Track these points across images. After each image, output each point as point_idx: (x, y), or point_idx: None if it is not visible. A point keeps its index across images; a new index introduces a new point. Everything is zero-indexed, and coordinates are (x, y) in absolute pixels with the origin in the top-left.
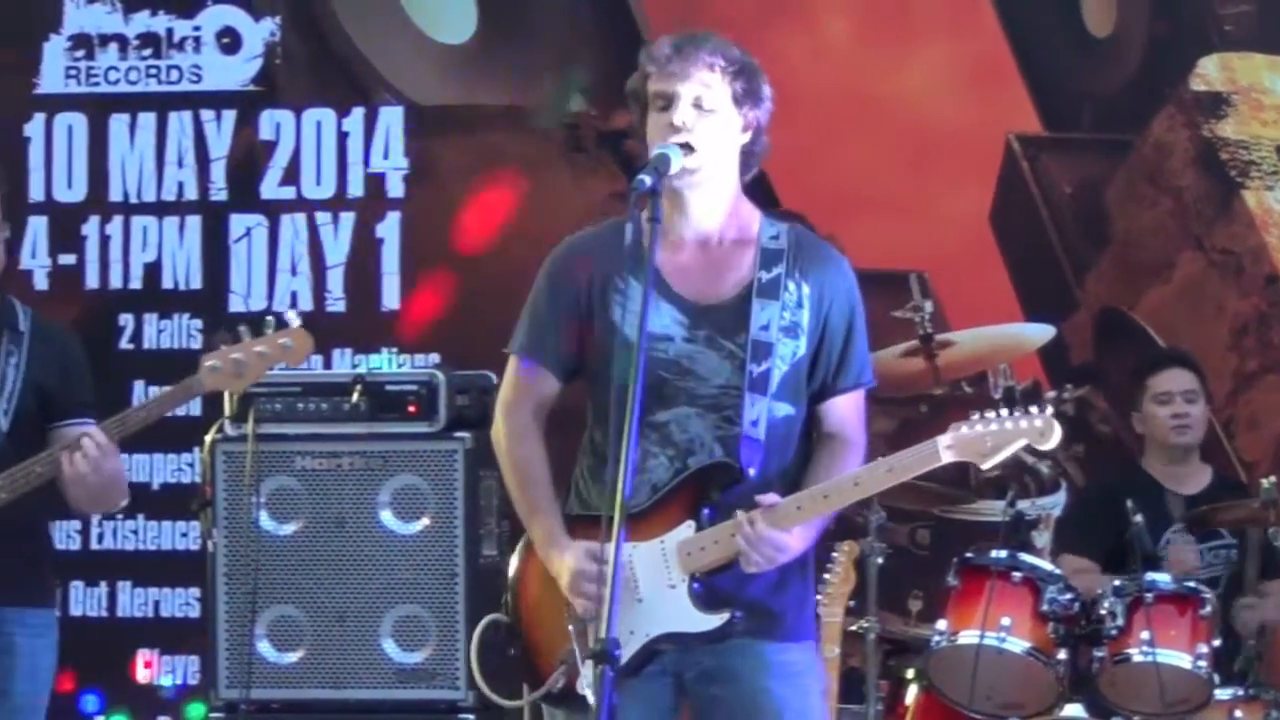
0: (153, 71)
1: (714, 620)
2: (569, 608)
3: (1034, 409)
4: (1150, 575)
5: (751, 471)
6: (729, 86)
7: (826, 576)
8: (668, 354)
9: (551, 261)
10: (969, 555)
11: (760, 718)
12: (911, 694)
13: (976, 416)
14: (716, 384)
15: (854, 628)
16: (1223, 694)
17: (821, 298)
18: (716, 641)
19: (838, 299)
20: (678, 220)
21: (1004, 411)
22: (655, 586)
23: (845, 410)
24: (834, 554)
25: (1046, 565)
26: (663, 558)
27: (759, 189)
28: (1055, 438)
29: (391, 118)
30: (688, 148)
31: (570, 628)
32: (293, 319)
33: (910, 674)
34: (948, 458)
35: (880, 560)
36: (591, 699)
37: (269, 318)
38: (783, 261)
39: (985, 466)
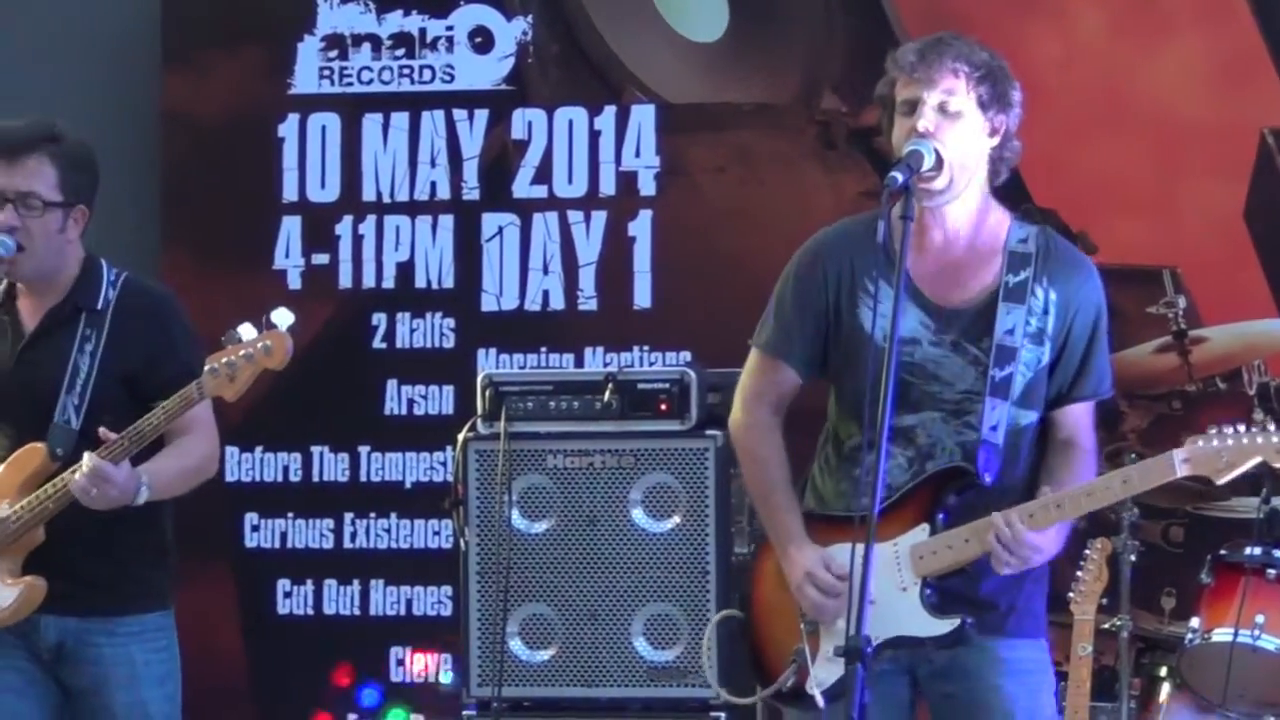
0: (405, 71)
1: (944, 625)
2: (800, 610)
3: (1271, 426)
4: None
5: (988, 477)
6: (974, 91)
7: (1079, 574)
8: (913, 357)
9: (799, 257)
10: (1223, 552)
11: (990, 715)
12: (1164, 692)
13: (1214, 431)
14: (961, 389)
15: (1106, 625)
16: None
17: (1068, 305)
18: (947, 646)
19: (1084, 307)
20: (928, 224)
21: (1241, 427)
22: (887, 589)
23: (1081, 417)
24: (1087, 551)
25: None
26: (895, 560)
27: (1011, 186)
28: None
29: (643, 116)
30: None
31: (802, 626)
32: (280, 319)
33: (1163, 672)
34: (1183, 471)
35: (1133, 557)
36: (820, 699)
37: (266, 316)
38: (1030, 266)
39: (1220, 482)
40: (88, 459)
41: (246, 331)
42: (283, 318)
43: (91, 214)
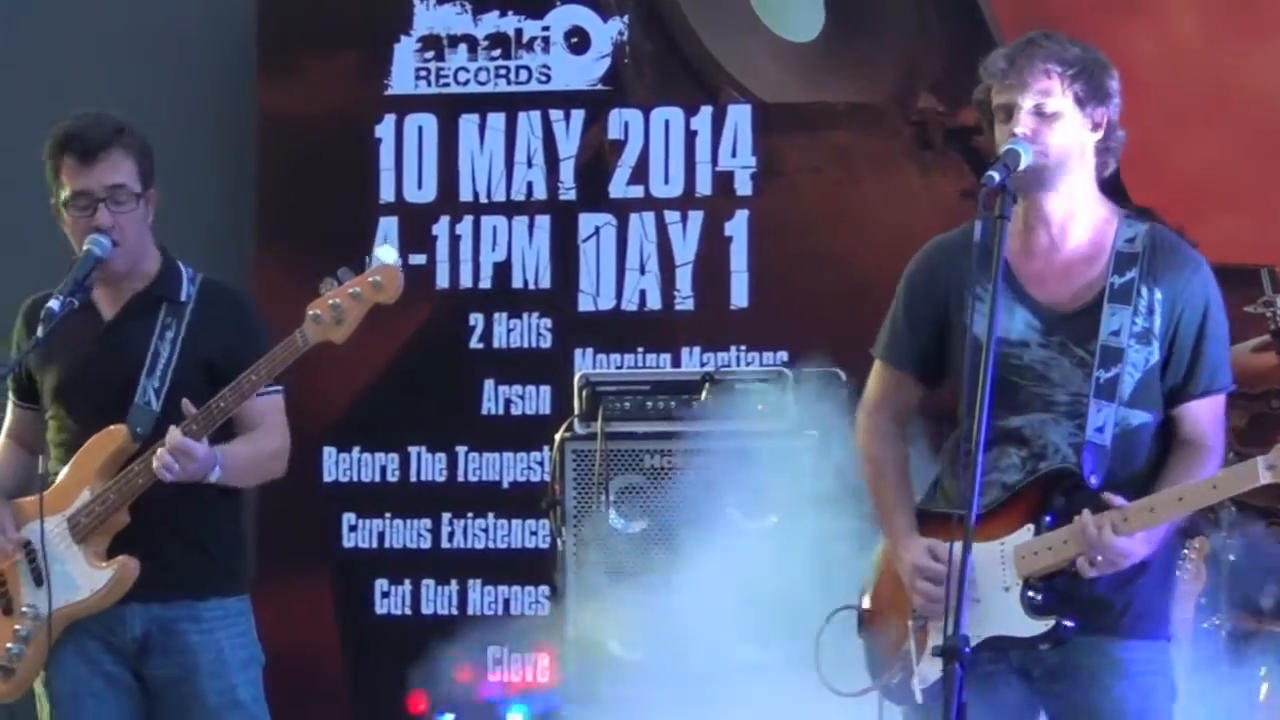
0: (502, 72)
1: (1040, 626)
2: (912, 607)
3: None
4: None
5: (1094, 479)
6: (1070, 89)
7: (1177, 574)
8: (1022, 360)
9: (912, 265)
10: None
11: (1100, 717)
12: (1263, 692)
13: None
14: (1070, 391)
15: (1205, 625)
16: None
17: (1174, 302)
18: (1044, 646)
19: (1191, 302)
20: (1033, 224)
21: None
22: (991, 588)
23: (1199, 416)
24: (1185, 551)
25: None
26: (1001, 560)
27: (1108, 184)
28: None
29: (739, 116)
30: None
31: (910, 623)
32: (385, 255)
33: (1262, 672)
34: (1267, 478)
35: (1232, 557)
36: (919, 697)
37: (368, 257)
38: (1136, 266)
39: None
40: (172, 433)
41: (346, 275)
42: (387, 254)
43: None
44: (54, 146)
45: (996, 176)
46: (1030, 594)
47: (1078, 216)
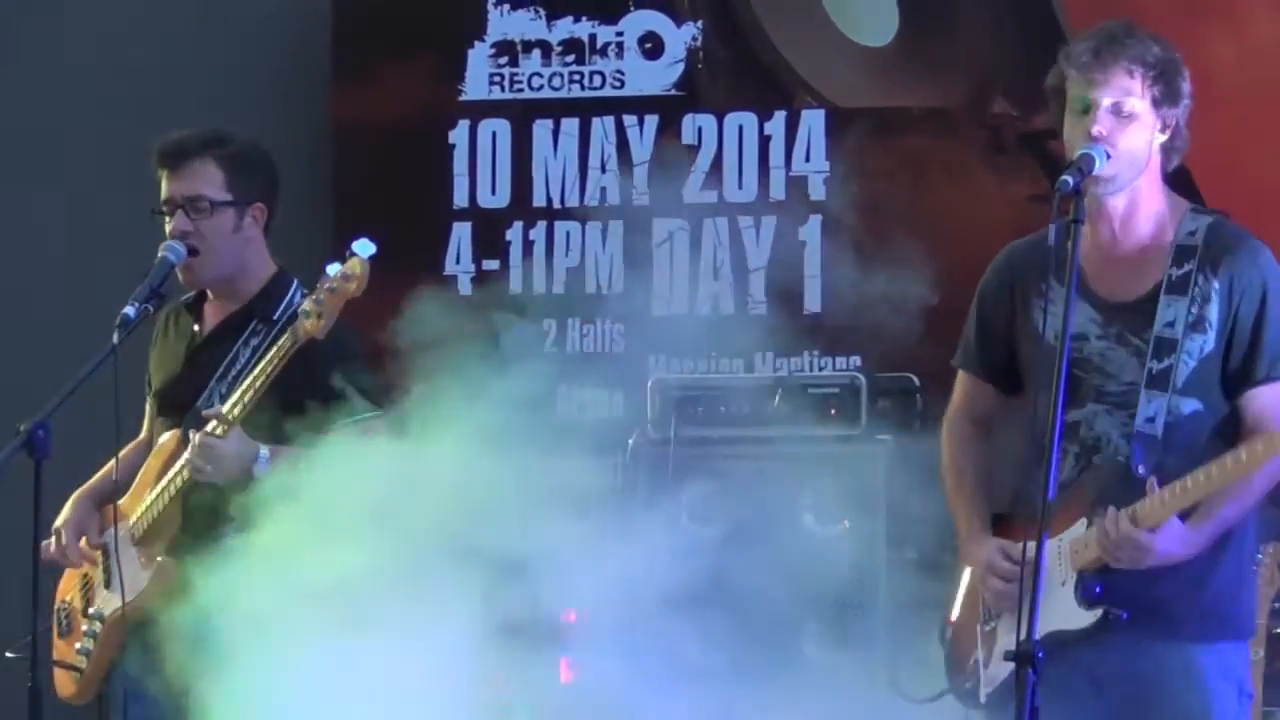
0: (575, 77)
1: (1088, 617)
2: (983, 609)
3: None
4: None
5: (1141, 469)
6: (1149, 91)
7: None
8: (1082, 352)
9: (986, 273)
10: None
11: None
12: None
13: None
14: (1124, 380)
15: (1279, 630)
16: None
17: (1231, 289)
18: (1093, 637)
19: (1249, 288)
20: (1097, 220)
21: None
22: (1051, 584)
23: (1264, 403)
24: (1259, 556)
25: None
26: (1059, 555)
27: (1183, 188)
28: None
29: (813, 120)
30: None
31: (979, 627)
32: (361, 248)
33: None
34: None
35: None
36: (982, 697)
37: (348, 248)
38: (1195, 258)
39: None
40: (194, 436)
41: (333, 270)
42: (363, 247)
43: (273, 211)
44: (153, 158)
45: (1071, 181)
46: (1084, 588)
47: (1140, 210)
